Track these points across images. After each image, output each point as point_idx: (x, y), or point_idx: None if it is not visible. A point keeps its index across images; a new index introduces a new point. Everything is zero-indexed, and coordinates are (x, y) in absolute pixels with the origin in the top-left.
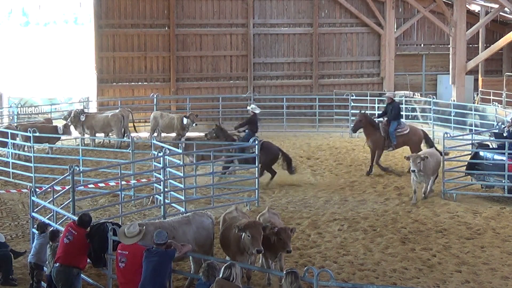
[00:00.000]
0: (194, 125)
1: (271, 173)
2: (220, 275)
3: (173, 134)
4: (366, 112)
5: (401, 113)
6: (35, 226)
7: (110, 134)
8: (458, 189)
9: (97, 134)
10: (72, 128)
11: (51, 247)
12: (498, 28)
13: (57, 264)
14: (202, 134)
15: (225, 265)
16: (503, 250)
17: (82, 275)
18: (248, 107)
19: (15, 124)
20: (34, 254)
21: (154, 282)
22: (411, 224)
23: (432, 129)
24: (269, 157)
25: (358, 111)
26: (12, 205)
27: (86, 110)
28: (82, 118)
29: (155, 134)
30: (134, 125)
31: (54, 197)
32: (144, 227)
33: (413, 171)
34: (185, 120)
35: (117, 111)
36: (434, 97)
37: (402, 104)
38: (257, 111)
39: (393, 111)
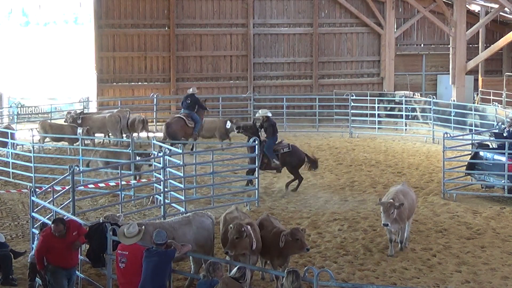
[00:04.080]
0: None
1: (299, 178)
2: (231, 274)
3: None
4: None
5: None
6: (35, 226)
7: (110, 134)
8: (458, 189)
9: (96, 134)
10: None
11: None
12: (498, 28)
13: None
14: None
15: (239, 265)
16: (503, 250)
17: (82, 275)
18: (258, 114)
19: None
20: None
21: (154, 282)
22: (411, 224)
23: (432, 129)
24: (295, 161)
25: (358, 111)
26: (12, 205)
27: (85, 111)
28: (79, 121)
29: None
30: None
31: (54, 197)
32: (144, 227)
33: (386, 225)
34: (228, 124)
35: (115, 111)
36: (434, 97)
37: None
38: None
39: None
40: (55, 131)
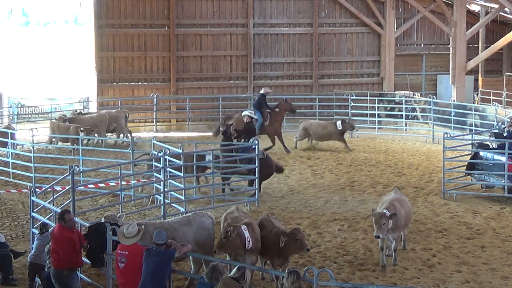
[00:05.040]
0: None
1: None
2: (231, 274)
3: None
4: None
5: None
6: (35, 226)
7: (110, 134)
8: (458, 189)
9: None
10: None
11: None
12: (498, 28)
13: (51, 267)
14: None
15: (239, 266)
16: (503, 250)
17: (81, 275)
18: (244, 113)
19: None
20: (34, 254)
21: (154, 282)
22: (411, 224)
23: (432, 129)
24: (266, 171)
25: (358, 111)
26: (12, 205)
27: (85, 111)
28: (67, 123)
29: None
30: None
31: (54, 197)
32: (144, 227)
33: (377, 237)
34: (339, 124)
35: (104, 111)
36: (434, 97)
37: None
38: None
39: None
40: (62, 132)
